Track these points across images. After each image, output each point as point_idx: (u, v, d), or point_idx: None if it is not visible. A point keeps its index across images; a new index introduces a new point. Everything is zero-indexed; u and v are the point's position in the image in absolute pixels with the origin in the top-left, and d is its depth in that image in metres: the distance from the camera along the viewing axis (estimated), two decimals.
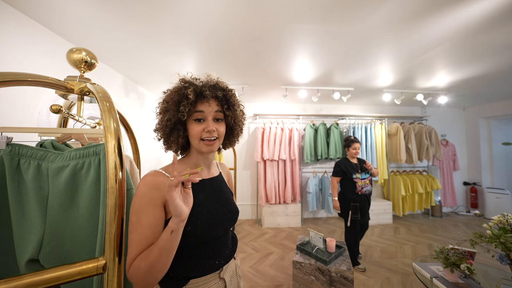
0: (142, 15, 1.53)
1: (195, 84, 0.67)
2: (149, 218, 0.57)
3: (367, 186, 2.31)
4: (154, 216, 0.58)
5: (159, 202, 0.59)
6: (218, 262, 0.67)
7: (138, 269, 0.52)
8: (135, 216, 0.57)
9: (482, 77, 2.81)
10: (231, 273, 0.72)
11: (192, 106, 0.64)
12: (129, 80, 2.87)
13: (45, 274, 0.42)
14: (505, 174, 4.32)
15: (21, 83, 0.58)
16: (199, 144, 0.67)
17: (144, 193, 0.58)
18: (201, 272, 0.63)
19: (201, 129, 0.66)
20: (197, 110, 0.65)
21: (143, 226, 0.56)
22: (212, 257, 0.66)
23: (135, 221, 0.56)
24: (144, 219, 0.56)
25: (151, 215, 0.57)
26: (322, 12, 1.52)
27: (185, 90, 0.65)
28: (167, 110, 0.66)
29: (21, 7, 1.44)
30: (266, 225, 3.63)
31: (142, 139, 3.15)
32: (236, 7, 1.47)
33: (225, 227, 0.70)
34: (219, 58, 2.25)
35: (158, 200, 0.59)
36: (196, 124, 0.66)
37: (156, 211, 0.58)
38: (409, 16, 1.56)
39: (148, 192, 0.58)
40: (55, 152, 0.67)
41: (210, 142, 0.67)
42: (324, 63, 2.39)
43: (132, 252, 0.54)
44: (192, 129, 0.66)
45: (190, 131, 0.67)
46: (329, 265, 1.63)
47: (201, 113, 0.66)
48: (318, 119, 4.05)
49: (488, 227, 1.23)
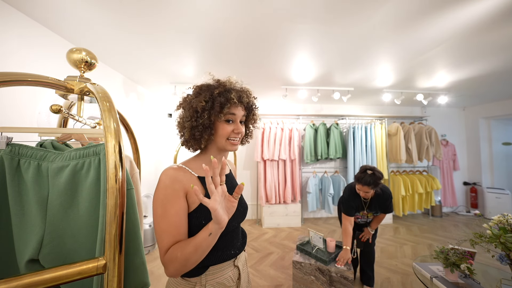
0: (142, 15, 1.53)
1: (237, 89, 0.73)
2: (175, 207, 0.62)
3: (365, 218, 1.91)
4: (179, 205, 0.63)
5: (181, 193, 0.64)
6: (233, 252, 0.74)
7: (175, 258, 0.57)
8: (161, 207, 0.61)
9: (482, 77, 2.81)
10: (242, 262, 0.80)
11: (229, 108, 0.70)
12: (129, 80, 2.87)
13: (45, 274, 0.42)
14: (505, 174, 4.32)
15: (21, 83, 0.58)
16: (226, 142, 0.72)
17: (168, 185, 0.63)
18: (219, 260, 0.70)
19: (231, 129, 0.72)
20: (231, 113, 0.71)
21: (170, 215, 0.61)
22: (228, 247, 0.72)
23: (161, 212, 0.61)
24: (170, 208, 0.61)
25: (177, 204, 0.62)
26: (322, 12, 1.52)
27: (229, 93, 0.70)
28: (206, 109, 0.69)
29: (22, 7, 1.45)
30: (266, 225, 3.63)
31: (142, 139, 3.15)
32: (236, 8, 1.47)
33: (238, 221, 0.75)
34: (219, 58, 2.25)
35: (181, 192, 0.64)
36: (227, 125, 0.71)
37: (180, 201, 0.63)
38: (409, 16, 1.56)
39: (171, 184, 0.63)
40: (55, 152, 0.67)
41: (235, 142, 0.74)
42: (324, 63, 2.39)
43: (164, 239, 0.60)
44: (222, 128, 0.71)
45: (220, 131, 0.71)
46: (329, 265, 1.63)
47: (233, 116, 0.72)
48: (318, 119, 4.05)
49: (488, 227, 1.23)
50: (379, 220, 1.89)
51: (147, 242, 2.72)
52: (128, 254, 0.60)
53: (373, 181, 1.64)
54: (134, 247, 0.63)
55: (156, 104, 3.75)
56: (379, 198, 1.78)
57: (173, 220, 0.61)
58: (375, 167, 1.78)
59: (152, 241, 2.77)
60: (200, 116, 0.69)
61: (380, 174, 1.69)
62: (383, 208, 1.82)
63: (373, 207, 1.82)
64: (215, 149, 0.75)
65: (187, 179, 0.67)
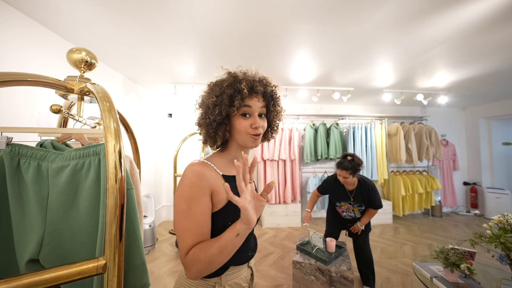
0: (142, 14, 1.53)
1: (248, 78, 0.66)
2: (201, 206, 0.59)
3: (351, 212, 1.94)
4: (205, 204, 0.60)
5: (207, 191, 0.61)
6: (250, 254, 0.73)
7: (197, 259, 0.54)
8: (185, 204, 0.58)
9: (482, 77, 2.81)
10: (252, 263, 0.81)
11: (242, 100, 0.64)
12: (129, 80, 2.87)
13: (45, 274, 0.42)
14: (505, 174, 4.32)
15: (21, 83, 0.58)
16: (245, 138, 0.67)
17: (194, 182, 0.60)
18: (240, 262, 0.68)
19: (248, 124, 0.66)
20: (245, 105, 0.65)
21: (195, 214, 0.58)
22: (246, 248, 0.71)
23: (185, 209, 0.58)
24: (195, 207, 0.58)
25: (202, 203, 0.59)
26: (322, 12, 1.52)
27: (239, 84, 0.64)
28: (217, 104, 0.64)
29: (21, 7, 1.44)
30: (266, 225, 3.63)
31: (142, 139, 3.15)
32: (237, 7, 1.47)
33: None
34: (219, 57, 2.25)
35: (206, 189, 0.61)
36: (243, 119, 0.66)
37: (206, 199, 0.60)
38: (409, 16, 1.56)
39: (197, 181, 0.60)
40: (55, 152, 0.67)
41: (256, 137, 0.67)
42: (324, 63, 2.39)
43: (187, 239, 0.57)
44: (239, 123, 0.66)
45: (237, 126, 0.66)
46: (329, 265, 1.63)
47: (249, 108, 0.65)
48: (318, 119, 4.05)
49: (488, 227, 1.23)
50: (369, 215, 1.88)
51: (147, 242, 2.71)
52: (128, 254, 0.60)
53: (352, 166, 1.71)
54: (134, 247, 0.63)
55: (156, 104, 3.75)
56: (362, 188, 1.82)
57: (198, 219, 0.58)
58: (355, 154, 1.84)
59: (152, 241, 2.77)
60: (211, 113, 0.65)
61: (360, 161, 1.75)
62: (367, 200, 1.84)
63: (357, 198, 1.85)
64: (235, 146, 0.71)
65: (213, 176, 0.63)
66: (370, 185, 1.83)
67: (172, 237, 3.13)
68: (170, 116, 4.00)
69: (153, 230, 2.78)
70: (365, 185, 1.83)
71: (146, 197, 2.96)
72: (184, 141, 3.00)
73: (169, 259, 2.55)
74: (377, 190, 1.85)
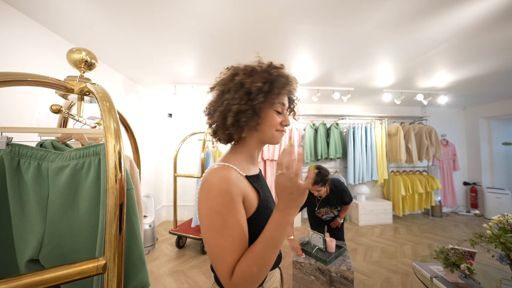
0: (142, 14, 1.53)
1: (293, 76, 0.65)
2: (237, 216, 0.52)
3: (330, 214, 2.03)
4: (240, 212, 0.53)
5: (240, 198, 0.54)
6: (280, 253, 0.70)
7: (250, 274, 0.47)
8: (220, 219, 0.50)
9: (482, 77, 2.81)
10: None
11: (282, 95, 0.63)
12: (129, 80, 2.87)
13: (45, 274, 0.42)
14: (505, 174, 4.32)
15: (21, 83, 0.58)
16: (274, 133, 0.64)
17: (226, 190, 0.52)
18: (276, 264, 0.67)
19: (279, 121, 0.64)
20: (280, 102, 0.62)
21: (233, 227, 0.50)
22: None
23: (221, 225, 0.50)
24: (231, 219, 0.51)
25: (238, 212, 0.52)
26: (322, 12, 1.52)
27: (289, 79, 0.62)
28: (263, 91, 0.58)
29: (21, 7, 1.45)
30: None
31: (142, 139, 3.15)
32: (237, 7, 1.47)
33: None
34: (219, 57, 2.25)
35: (239, 196, 0.54)
36: (277, 115, 0.63)
37: (240, 207, 0.53)
38: (409, 16, 1.56)
39: (229, 187, 0.52)
40: (55, 152, 0.67)
41: (282, 134, 0.66)
42: (324, 63, 2.39)
43: (229, 259, 0.49)
44: (273, 118, 0.62)
45: (269, 120, 0.62)
46: (329, 265, 1.63)
47: (282, 106, 0.64)
48: (318, 119, 4.05)
49: (488, 227, 1.23)
50: (344, 210, 2.03)
51: (147, 242, 2.71)
52: (128, 254, 0.60)
53: (321, 179, 1.75)
54: (134, 247, 0.63)
55: (156, 104, 3.75)
56: (335, 194, 1.93)
57: (237, 233, 0.51)
58: (320, 165, 1.88)
59: (152, 241, 2.77)
60: (254, 99, 0.57)
61: (326, 171, 1.81)
62: (341, 201, 1.96)
63: (333, 203, 1.96)
64: (255, 141, 0.65)
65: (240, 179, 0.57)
66: (341, 188, 1.94)
67: (172, 237, 3.13)
68: (170, 116, 4.00)
69: (153, 230, 2.78)
70: (336, 190, 1.93)
71: (146, 197, 2.96)
72: (184, 141, 3.01)
73: (169, 259, 2.55)
74: (347, 188, 1.98)
